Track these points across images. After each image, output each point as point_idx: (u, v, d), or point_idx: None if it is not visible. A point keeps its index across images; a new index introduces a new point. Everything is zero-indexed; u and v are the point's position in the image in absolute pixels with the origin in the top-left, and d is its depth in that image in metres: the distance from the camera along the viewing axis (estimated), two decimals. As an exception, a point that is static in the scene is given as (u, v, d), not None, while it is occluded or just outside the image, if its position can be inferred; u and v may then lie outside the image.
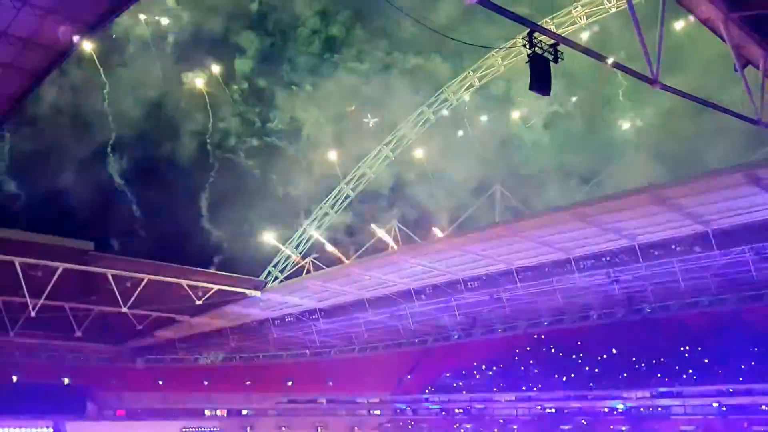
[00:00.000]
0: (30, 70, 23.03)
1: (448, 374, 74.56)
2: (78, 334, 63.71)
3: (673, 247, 49.44)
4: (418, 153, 69.64)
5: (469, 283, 60.62)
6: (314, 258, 64.97)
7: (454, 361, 74.94)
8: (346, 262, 59.91)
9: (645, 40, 17.46)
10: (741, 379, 54.42)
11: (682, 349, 60.62)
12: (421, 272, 59.10)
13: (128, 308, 59.32)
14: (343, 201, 69.14)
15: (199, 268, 61.33)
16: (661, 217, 45.23)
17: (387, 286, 62.76)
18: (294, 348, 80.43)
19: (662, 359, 60.84)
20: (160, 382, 76.32)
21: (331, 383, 78.20)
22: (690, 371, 58.20)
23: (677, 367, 59.18)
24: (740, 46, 17.94)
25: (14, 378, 68.69)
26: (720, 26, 16.76)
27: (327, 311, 69.47)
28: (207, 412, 75.91)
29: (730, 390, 54.76)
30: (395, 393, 76.66)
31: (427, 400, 73.46)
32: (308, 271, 63.89)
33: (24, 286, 52.87)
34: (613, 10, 53.54)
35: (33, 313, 56.57)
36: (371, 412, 76.00)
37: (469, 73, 64.52)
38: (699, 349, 59.15)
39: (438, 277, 60.48)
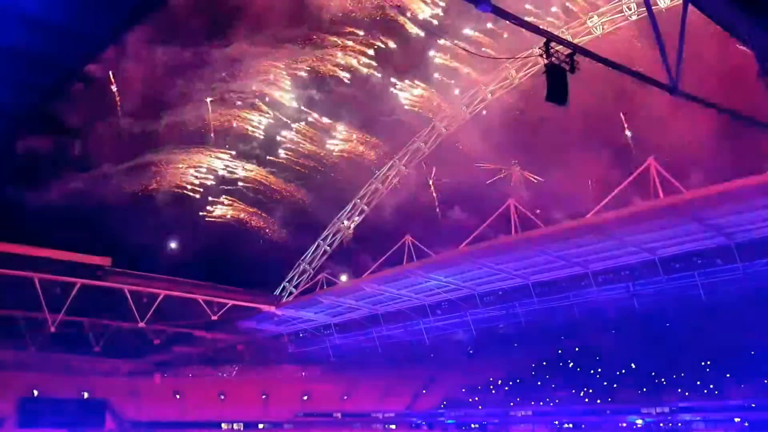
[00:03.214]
0: (40, 88, 23.04)
1: (463, 389, 74.05)
2: (97, 348, 64.11)
3: (695, 260, 48.95)
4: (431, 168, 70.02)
5: (484, 298, 60.38)
6: (328, 273, 65.22)
7: (469, 376, 74.42)
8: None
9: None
10: (764, 394, 53.57)
11: (702, 363, 59.83)
12: (436, 287, 58.93)
13: (145, 323, 59.69)
14: (358, 215, 69.26)
15: (214, 284, 61.68)
16: (682, 229, 44.82)
17: (401, 301, 62.66)
18: (309, 362, 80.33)
19: (682, 374, 60.09)
20: (178, 396, 76.52)
21: (346, 398, 77.97)
22: (711, 386, 57.40)
23: (698, 382, 58.40)
24: (765, 51, 17.68)
25: (35, 392, 69.17)
26: (743, 32, 16.58)
27: (341, 326, 69.47)
28: (224, 426, 76.14)
29: (753, 405, 53.93)
30: (410, 408, 76.21)
31: (442, 415, 72.95)
32: (322, 286, 64.03)
33: (43, 302, 53.47)
34: (633, 17, 53.24)
35: (52, 329, 57.00)
36: (386, 426, 75.61)
37: (481, 86, 64.50)
38: (720, 363, 58.36)
39: (453, 292, 60.27)
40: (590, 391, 64.38)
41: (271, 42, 64.07)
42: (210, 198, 69.66)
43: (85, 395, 72.65)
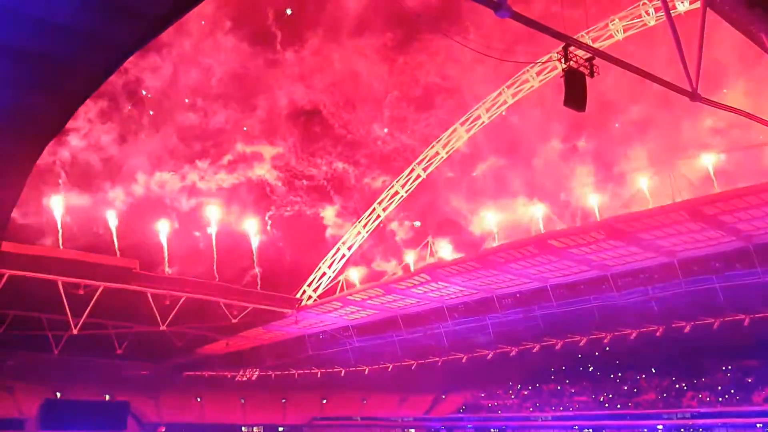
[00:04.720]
0: (68, 93, 23.53)
1: (482, 394, 73.97)
2: (119, 351, 64.78)
3: (713, 263, 48.66)
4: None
5: (502, 301, 60.34)
6: (348, 277, 65.60)
7: (488, 380, 74.30)
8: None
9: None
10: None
11: (723, 368, 59.40)
12: (454, 290, 59.04)
13: (167, 326, 60.20)
14: (374, 221, 69.49)
15: (235, 287, 62.08)
16: (701, 233, 44.65)
17: (420, 304, 62.80)
18: (329, 365, 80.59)
19: (703, 378, 59.69)
20: (198, 399, 77.17)
21: (365, 402, 78.13)
22: (732, 391, 56.97)
23: (719, 387, 57.99)
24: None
25: (58, 394, 70.08)
26: (763, 37, 16.57)
27: (360, 329, 69.63)
28: (244, 429, 76.71)
29: (774, 410, 53.52)
30: (429, 412, 76.24)
31: (461, 419, 72.89)
32: (342, 289, 64.29)
33: (66, 305, 54.11)
34: (652, 22, 52.94)
35: (75, 331, 57.66)
36: (405, 430, 75.67)
37: (503, 89, 64.41)
38: (741, 368, 57.90)
39: (471, 295, 60.32)
40: (610, 395, 64.10)
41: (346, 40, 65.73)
42: (275, 197, 70.77)
43: (107, 397, 73.52)
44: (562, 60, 17.94)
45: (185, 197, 68.10)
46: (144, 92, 67.27)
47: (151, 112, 67.10)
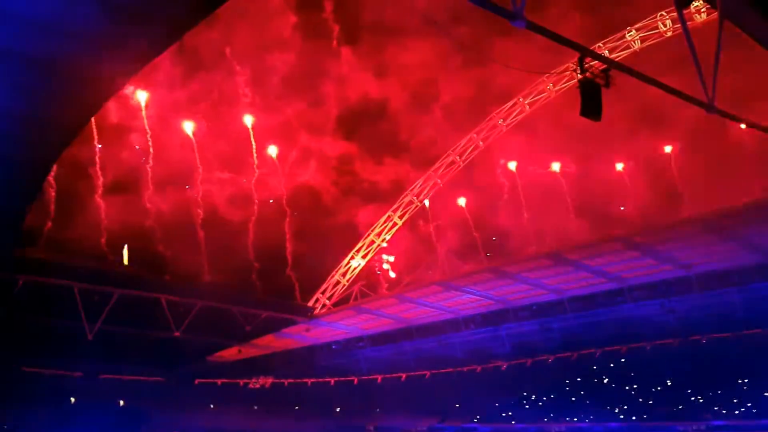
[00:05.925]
0: (85, 102, 23.87)
1: (497, 404, 73.52)
2: (133, 357, 65.09)
3: (732, 277, 48.17)
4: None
5: (518, 313, 60.06)
6: (362, 286, 65.53)
7: (502, 390, 73.78)
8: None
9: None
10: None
11: (739, 381, 58.72)
12: (469, 301, 58.85)
13: (180, 333, 60.51)
14: (391, 229, 69.40)
15: (248, 294, 62.30)
16: (719, 246, 44.23)
17: (434, 314, 62.63)
18: (342, 374, 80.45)
19: (719, 391, 59.04)
20: (212, 405, 77.15)
21: (378, 411, 77.85)
22: (748, 404, 56.34)
23: (735, 400, 57.37)
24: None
25: (72, 400, 70.31)
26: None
27: (374, 338, 69.52)
28: (257, 436, 76.65)
29: (791, 425, 52.79)
30: (443, 422, 75.85)
31: (476, 429, 72.45)
32: (356, 298, 64.27)
33: (81, 311, 54.63)
34: (669, 34, 52.81)
35: (90, 337, 58.07)
36: (419, 440, 75.42)
37: (519, 99, 64.37)
38: (758, 381, 57.17)
39: (486, 306, 60.08)
40: (625, 407, 63.54)
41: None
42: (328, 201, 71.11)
43: (121, 403, 73.65)
44: (578, 71, 17.89)
45: (235, 200, 67.40)
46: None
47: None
